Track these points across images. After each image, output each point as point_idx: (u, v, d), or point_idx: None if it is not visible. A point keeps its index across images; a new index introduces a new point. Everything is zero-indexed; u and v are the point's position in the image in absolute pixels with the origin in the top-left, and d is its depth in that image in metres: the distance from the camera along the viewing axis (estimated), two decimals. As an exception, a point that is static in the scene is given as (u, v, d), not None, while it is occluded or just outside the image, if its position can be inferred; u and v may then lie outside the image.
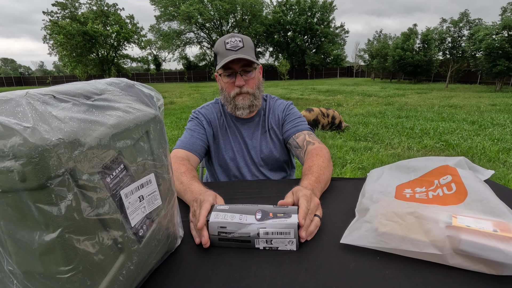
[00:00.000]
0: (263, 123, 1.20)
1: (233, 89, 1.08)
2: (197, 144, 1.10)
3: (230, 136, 1.17)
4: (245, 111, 1.11)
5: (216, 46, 1.08)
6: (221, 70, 1.06)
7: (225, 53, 1.03)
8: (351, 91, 13.68)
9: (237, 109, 1.11)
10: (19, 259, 0.34)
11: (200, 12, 32.04)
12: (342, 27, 39.26)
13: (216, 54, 1.09)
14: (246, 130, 1.19)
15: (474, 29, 15.39)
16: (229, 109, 1.13)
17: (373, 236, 0.57)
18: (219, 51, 1.06)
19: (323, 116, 5.22)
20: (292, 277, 0.52)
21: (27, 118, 0.32)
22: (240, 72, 1.06)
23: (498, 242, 0.48)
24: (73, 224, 0.35)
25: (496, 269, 0.49)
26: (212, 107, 1.22)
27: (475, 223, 0.52)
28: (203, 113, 1.19)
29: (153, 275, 0.54)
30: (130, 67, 43.53)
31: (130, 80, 0.53)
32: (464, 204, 0.61)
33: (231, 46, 1.03)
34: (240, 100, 1.09)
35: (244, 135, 1.18)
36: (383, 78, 27.50)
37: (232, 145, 1.17)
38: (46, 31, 29.65)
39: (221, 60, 1.04)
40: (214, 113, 1.19)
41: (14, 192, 0.31)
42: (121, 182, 0.42)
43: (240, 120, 1.19)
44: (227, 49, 1.03)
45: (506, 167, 3.27)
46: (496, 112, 6.91)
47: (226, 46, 1.04)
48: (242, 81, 1.06)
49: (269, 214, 0.61)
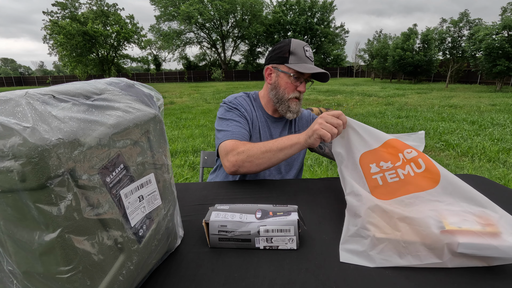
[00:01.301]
0: (290, 125, 1.25)
1: (293, 92, 1.11)
2: (247, 135, 1.09)
3: (261, 131, 1.18)
4: (294, 115, 1.15)
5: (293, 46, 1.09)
6: (291, 70, 1.08)
7: (305, 60, 1.07)
8: (351, 91, 13.68)
9: (289, 111, 1.13)
10: (19, 259, 0.34)
11: (200, 12, 32.03)
12: (342, 27, 39.27)
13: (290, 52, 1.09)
14: (275, 128, 1.21)
15: (474, 29, 15.40)
16: (281, 109, 1.14)
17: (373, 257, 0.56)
18: (298, 53, 1.07)
19: (323, 116, 5.22)
20: (292, 277, 0.52)
21: (27, 118, 0.32)
22: (306, 80, 1.11)
23: (491, 239, 0.51)
24: (73, 224, 0.35)
25: (488, 262, 0.53)
26: (245, 100, 1.20)
27: (464, 221, 0.54)
28: (242, 104, 1.17)
29: (153, 275, 0.54)
30: (130, 67, 43.50)
31: (130, 80, 0.53)
32: (441, 188, 0.61)
33: (310, 55, 1.09)
34: (294, 105, 1.12)
35: (273, 133, 1.20)
36: (383, 78, 27.50)
37: (261, 139, 1.18)
38: (46, 31, 29.63)
39: (299, 63, 1.06)
40: (249, 106, 1.19)
41: (14, 192, 0.31)
42: (121, 182, 0.42)
43: (270, 118, 1.21)
44: (306, 56, 1.07)
45: (506, 167, 3.27)
46: (496, 112, 6.91)
47: (306, 53, 1.08)
48: (305, 89, 1.11)
49: (269, 213, 0.61)
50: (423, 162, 0.65)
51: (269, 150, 0.91)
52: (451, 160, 3.58)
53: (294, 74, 1.08)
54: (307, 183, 0.99)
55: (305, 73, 1.07)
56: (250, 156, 0.93)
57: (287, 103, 1.12)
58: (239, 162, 0.94)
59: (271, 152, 0.91)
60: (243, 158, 0.94)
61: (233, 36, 38.11)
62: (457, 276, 0.51)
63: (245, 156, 0.94)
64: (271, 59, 1.13)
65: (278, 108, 1.14)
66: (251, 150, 0.93)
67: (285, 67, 1.09)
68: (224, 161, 0.99)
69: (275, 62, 1.12)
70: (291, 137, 0.91)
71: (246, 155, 0.93)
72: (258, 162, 0.93)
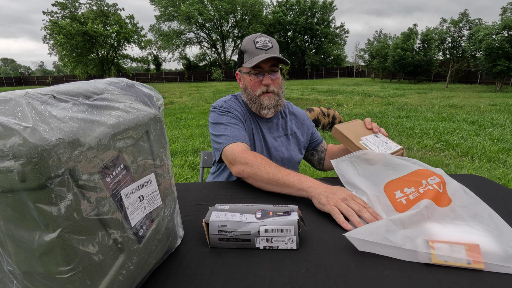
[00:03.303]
0: (283, 126, 1.22)
1: (260, 87, 1.08)
2: (246, 137, 1.06)
3: (254, 132, 1.17)
4: (270, 111, 1.11)
5: (244, 45, 1.08)
6: (248, 68, 1.06)
7: (256, 52, 1.04)
8: (351, 91, 13.67)
9: (262, 108, 1.11)
10: (19, 259, 0.34)
11: (200, 12, 32.03)
12: (342, 27, 39.26)
13: (243, 52, 1.09)
14: (266, 129, 1.19)
15: (474, 29, 15.39)
16: (254, 108, 1.13)
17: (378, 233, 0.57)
18: (248, 49, 1.06)
19: (324, 116, 5.22)
20: (292, 277, 0.52)
21: (27, 118, 0.32)
22: (268, 71, 1.07)
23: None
24: (73, 224, 0.35)
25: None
26: (235, 102, 1.18)
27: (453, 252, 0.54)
28: (232, 106, 1.14)
29: (153, 275, 0.54)
30: (130, 67, 43.50)
31: (130, 80, 0.53)
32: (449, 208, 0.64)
33: (262, 45, 1.05)
34: (266, 100, 1.09)
35: (265, 134, 1.18)
36: (383, 78, 27.49)
37: (255, 141, 1.17)
38: (46, 31, 29.65)
39: (251, 58, 1.04)
40: (240, 107, 1.17)
41: (14, 192, 0.31)
42: (121, 182, 0.42)
43: (261, 119, 1.19)
44: (257, 48, 1.04)
45: (506, 167, 3.27)
46: (496, 112, 6.91)
47: (256, 45, 1.05)
48: (269, 80, 1.07)
49: (269, 213, 0.61)
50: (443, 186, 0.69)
51: (276, 181, 0.84)
52: (451, 160, 3.58)
53: (251, 71, 1.07)
54: (307, 183, 0.99)
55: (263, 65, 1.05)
56: (257, 175, 0.88)
57: (258, 100, 1.10)
58: (245, 174, 0.91)
59: (276, 184, 0.84)
60: (250, 172, 0.89)
61: (233, 36, 38.11)
62: (457, 276, 0.51)
63: (252, 172, 0.89)
64: (236, 65, 1.14)
65: (254, 109, 1.13)
66: (260, 170, 0.87)
67: (244, 68, 1.09)
68: (230, 167, 0.97)
69: (238, 66, 1.13)
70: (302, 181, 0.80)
71: (253, 172, 0.88)
72: (260, 184, 0.89)
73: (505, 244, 0.54)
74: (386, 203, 0.73)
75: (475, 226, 0.58)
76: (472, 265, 0.52)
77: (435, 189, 0.67)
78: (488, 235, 0.56)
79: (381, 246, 0.56)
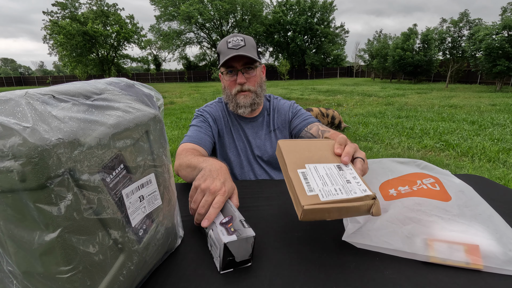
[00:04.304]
0: (268, 123, 1.22)
1: (235, 86, 1.09)
2: (205, 139, 1.10)
3: (234, 134, 1.18)
4: (247, 109, 1.12)
5: (218, 46, 1.10)
6: (223, 68, 1.08)
7: (227, 52, 1.05)
8: (351, 91, 13.67)
9: (239, 107, 1.11)
10: (19, 259, 0.34)
11: (200, 12, 32.03)
12: (342, 27, 39.26)
13: (218, 54, 1.11)
14: (249, 129, 1.19)
15: (474, 29, 15.39)
16: (231, 107, 1.14)
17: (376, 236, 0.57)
18: (221, 50, 1.07)
19: (323, 116, 5.22)
20: (292, 277, 0.52)
21: (27, 118, 0.32)
22: (241, 70, 1.07)
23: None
24: (73, 224, 0.35)
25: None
26: (216, 105, 1.22)
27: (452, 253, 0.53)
28: (208, 111, 1.19)
29: (153, 275, 0.54)
30: (130, 67, 43.51)
31: (130, 80, 0.53)
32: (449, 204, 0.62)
33: (233, 45, 1.05)
34: (242, 98, 1.10)
35: (248, 134, 1.19)
36: (383, 78, 27.49)
37: (236, 143, 1.18)
38: (46, 31, 29.66)
39: (223, 58, 1.05)
40: (219, 111, 1.20)
41: (14, 192, 0.31)
42: (121, 182, 0.42)
43: (244, 119, 1.19)
44: (228, 48, 1.05)
45: (506, 167, 3.27)
46: (496, 112, 6.91)
47: (228, 45, 1.06)
48: (243, 79, 1.07)
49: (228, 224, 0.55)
50: (439, 186, 0.67)
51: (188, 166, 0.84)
52: (451, 160, 3.58)
53: (224, 71, 1.09)
54: (307, 183, 0.99)
55: (235, 64, 1.06)
56: (181, 165, 0.89)
57: (235, 99, 1.11)
58: (176, 166, 0.93)
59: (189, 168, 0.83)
60: (176, 165, 0.92)
61: (233, 36, 38.04)
62: (457, 276, 0.51)
63: (178, 164, 0.91)
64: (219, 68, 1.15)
65: (231, 108, 1.15)
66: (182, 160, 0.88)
67: (222, 68, 1.11)
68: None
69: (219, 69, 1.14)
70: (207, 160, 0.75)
71: (179, 163, 0.91)
72: (182, 173, 0.89)
73: (505, 247, 0.53)
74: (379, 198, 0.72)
75: (475, 226, 0.58)
76: (471, 266, 0.52)
77: (428, 188, 0.67)
78: (488, 237, 0.55)
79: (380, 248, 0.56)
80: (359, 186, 0.53)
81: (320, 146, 0.67)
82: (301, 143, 0.67)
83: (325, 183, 0.54)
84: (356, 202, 0.50)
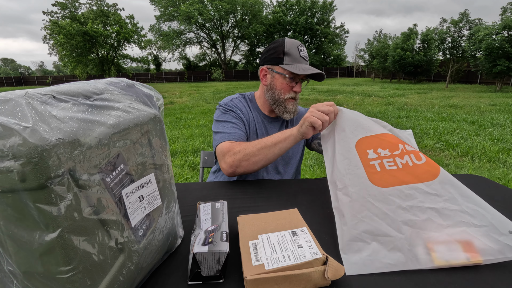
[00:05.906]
0: (287, 125, 1.24)
1: (289, 93, 1.10)
2: (243, 136, 1.09)
3: (258, 131, 1.18)
4: (291, 115, 1.14)
5: (287, 46, 1.08)
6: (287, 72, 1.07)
7: (299, 60, 1.06)
8: (351, 91, 13.68)
9: (286, 112, 1.13)
10: (19, 259, 0.34)
11: (200, 12, 32.02)
12: (342, 27, 39.26)
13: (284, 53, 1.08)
14: (271, 128, 1.21)
15: (474, 29, 15.40)
16: (277, 109, 1.14)
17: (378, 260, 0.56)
18: (292, 54, 1.07)
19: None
20: None
21: (27, 118, 0.32)
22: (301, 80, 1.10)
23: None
24: (73, 224, 0.35)
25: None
26: (241, 101, 1.20)
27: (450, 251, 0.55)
28: (236, 105, 1.16)
29: (153, 275, 0.54)
30: (130, 67, 43.49)
31: (130, 80, 0.53)
32: (439, 181, 0.61)
33: (304, 55, 1.08)
34: (291, 105, 1.12)
35: (270, 133, 1.19)
36: (383, 78, 27.50)
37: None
38: (46, 31, 29.65)
39: (294, 64, 1.06)
40: (245, 107, 1.19)
41: (14, 192, 0.31)
42: (121, 182, 0.42)
43: (267, 118, 1.20)
44: (301, 57, 1.07)
45: (506, 167, 3.27)
46: (496, 112, 6.91)
47: (300, 53, 1.07)
48: (300, 89, 1.10)
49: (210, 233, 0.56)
50: (423, 156, 0.65)
51: (264, 146, 0.92)
52: (451, 160, 3.58)
53: (289, 75, 1.07)
54: (307, 183, 0.99)
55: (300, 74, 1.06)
56: (247, 154, 0.93)
57: (284, 104, 1.11)
58: (236, 162, 0.94)
59: (266, 148, 0.92)
60: (240, 157, 0.94)
61: (233, 36, 38.10)
62: (457, 276, 0.51)
63: (242, 155, 0.94)
64: (266, 60, 1.12)
65: (275, 109, 1.14)
66: (247, 149, 0.94)
67: (280, 68, 1.08)
68: (221, 163, 0.99)
69: (270, 63, 1.11)
70: (284, 131, 0.92)
71: (243, 154, 0.93)
72: (255, 159, 0.93)
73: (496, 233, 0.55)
74: (357, 164, 0.67)
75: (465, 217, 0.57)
76: (471, 261, 0.53)
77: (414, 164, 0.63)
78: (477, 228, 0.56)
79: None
80: (310, 250, 0.51)
81: (279, 215, 0.66)
82: (261, 216, 0.67)
83: (274, 251, 0.52)
84: (306, 269, 0.48)
